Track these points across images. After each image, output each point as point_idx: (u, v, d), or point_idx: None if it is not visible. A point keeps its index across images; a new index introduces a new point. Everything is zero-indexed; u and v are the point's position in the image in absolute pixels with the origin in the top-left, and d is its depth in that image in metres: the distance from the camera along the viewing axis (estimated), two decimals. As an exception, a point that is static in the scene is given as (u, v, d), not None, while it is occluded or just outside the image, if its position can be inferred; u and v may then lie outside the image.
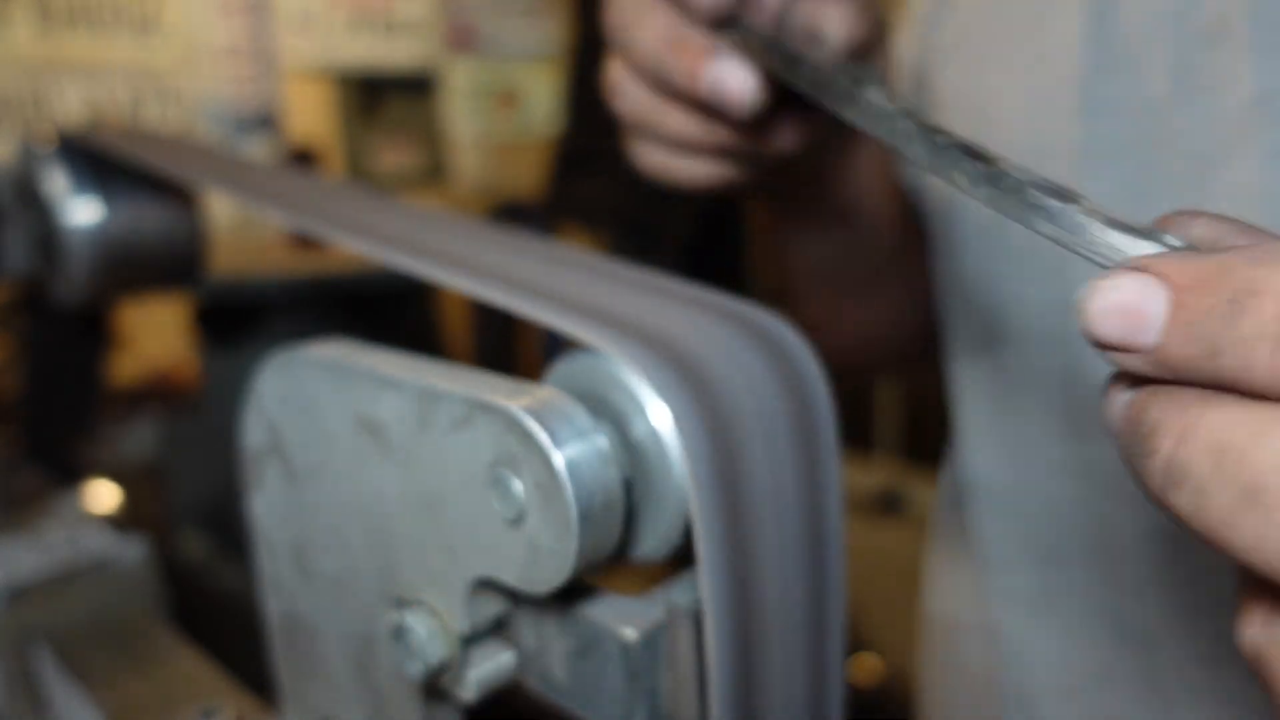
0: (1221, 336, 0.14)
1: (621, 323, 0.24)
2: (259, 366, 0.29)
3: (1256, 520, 0.14)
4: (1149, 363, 0.15)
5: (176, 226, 0.49)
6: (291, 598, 0.31)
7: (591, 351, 0.24)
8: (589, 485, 0.21)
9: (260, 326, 1.44)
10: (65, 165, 0.46)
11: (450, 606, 0.25)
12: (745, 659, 0.23)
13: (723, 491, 0.22)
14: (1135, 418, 0.16)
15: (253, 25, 2.24)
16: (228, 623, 0.53)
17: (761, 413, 0.24)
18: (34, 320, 0.58)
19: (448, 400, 0.23)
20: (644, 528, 0.24)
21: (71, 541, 0.46)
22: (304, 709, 0.32)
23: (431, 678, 0.25)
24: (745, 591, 0.23)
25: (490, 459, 0.22)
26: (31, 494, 0.53)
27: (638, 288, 0.28)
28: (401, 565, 0.26)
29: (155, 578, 0.46)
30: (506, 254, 0.31)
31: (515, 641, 0.27)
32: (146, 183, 0.47)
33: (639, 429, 0.23)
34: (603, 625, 0.24)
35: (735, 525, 0.23)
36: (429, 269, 0.28)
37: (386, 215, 0.35)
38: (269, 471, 0.30)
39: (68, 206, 0.45)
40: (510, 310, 0.26)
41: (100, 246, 0.46)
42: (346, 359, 0.26)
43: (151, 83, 2.08)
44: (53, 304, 0.50)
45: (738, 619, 0.23)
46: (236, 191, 0.37)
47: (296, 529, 0.29)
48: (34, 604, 0.42)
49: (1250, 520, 0.14)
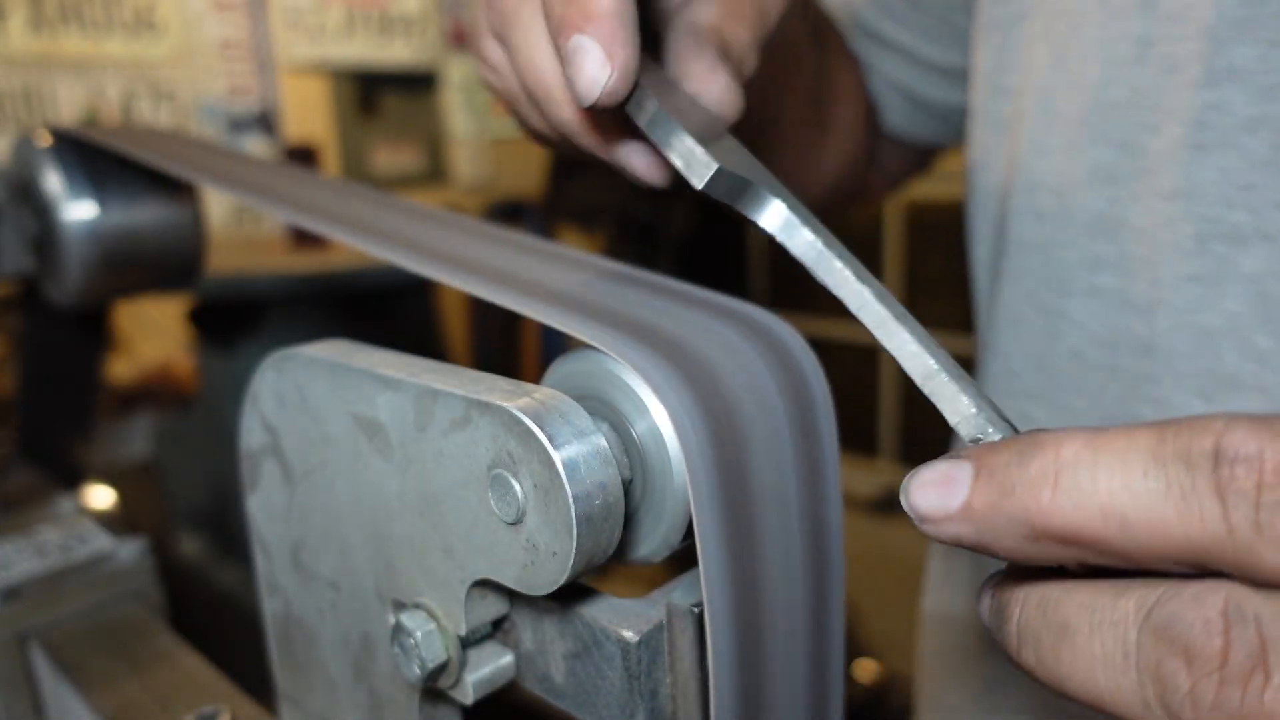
0: (1014, 478, 0.17)
1: (621, 322, 0.24)
2: (256, 366, 0.29)
3: (1070, 652, 0.17)
4: (962, 520, 0.18)
5: (175, 225, 0.48)
6: (289, 599, 0.31)
7: (591, 351, 0.24)
8: (588, 486, 0.21)
9: (257, 326, 1.43)
10: (60, 163, 0.45)
11: (448, 608, 0.25)
12: (747, 659, 0.23)
13: (724, 492, 0.22)
14: (996, 601, 0.19)
15: (249, 22, 2.24)
16: (225, 624, 0.53)
17: (762, 413, 0.24)
18: (31, 320, 0.58)
19: (446, 400, 0.23)
20: (644, 529, 0.24)
21: (68, 542, 0.45)
22: (301, 711, 0.32)
23: (430, 680, 0.25)
24: (747, 592, 0.23)
25: (489, 459, 0.22)
26: (28, 494, 0.53)
27: (637, 287, 0.28)
28: (399, 566, 0.26)
29: (152, 579, 0.45)
30: (505, 252, 0.31)
31: (514, 643, 0.27)
32: (143, 181, 0.47)
33: (639, 429, 0.23)
34: (602, 626, 0.23)
35: (736, 526, 0.22)
36: (428, 268, 0.28)
37: (385, 212, 0.35)
38: (266, 472, 0.30)
39: (63, 205, 0.45)
40: (510, 309, 0.26)
41: (96, 245, 0.46)
42: (344, 358, 0.26)
43: (147, 80, 2.08)
44: (48, 304, 0.49)
45: (739, 620, 0.22)
46: (234, 187, 0.37)
47: (294, 530, 0.29)
48: (30, 605, 0.42)
49: (1066, 653, 0.17)
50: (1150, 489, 0.16)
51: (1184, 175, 0.35)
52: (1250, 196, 0.33)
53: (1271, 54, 0.32)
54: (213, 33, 2.19)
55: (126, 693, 0.38)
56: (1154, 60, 0.36)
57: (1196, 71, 0.34)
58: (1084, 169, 0.39)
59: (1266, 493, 0.15)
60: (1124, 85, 0.37)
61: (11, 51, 1.89)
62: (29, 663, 0.42)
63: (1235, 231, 0.34)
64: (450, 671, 0.25)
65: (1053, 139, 0.40)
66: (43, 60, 1.93)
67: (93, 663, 0.40)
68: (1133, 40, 0.37)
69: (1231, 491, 0.16)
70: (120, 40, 2.04)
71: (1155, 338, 0.36)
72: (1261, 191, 0.33)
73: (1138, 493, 0.16)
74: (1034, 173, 0.41)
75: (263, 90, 2.28)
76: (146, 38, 2.08)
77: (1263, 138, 0.33)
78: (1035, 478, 0.17)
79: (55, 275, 0.47)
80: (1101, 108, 0.38)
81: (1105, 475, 0.17)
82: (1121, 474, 0.17)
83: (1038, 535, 0.17)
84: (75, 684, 0.39)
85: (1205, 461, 0.16)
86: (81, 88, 1.99)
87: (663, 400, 0.22)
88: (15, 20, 1.88)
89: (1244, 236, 0.34)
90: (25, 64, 1.91)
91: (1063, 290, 0.40)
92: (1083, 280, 0.39)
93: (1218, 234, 0.34)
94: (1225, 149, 0.34)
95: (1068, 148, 0.40)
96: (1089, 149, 0.39)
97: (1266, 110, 0.33)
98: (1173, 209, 0.35)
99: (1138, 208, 0.37)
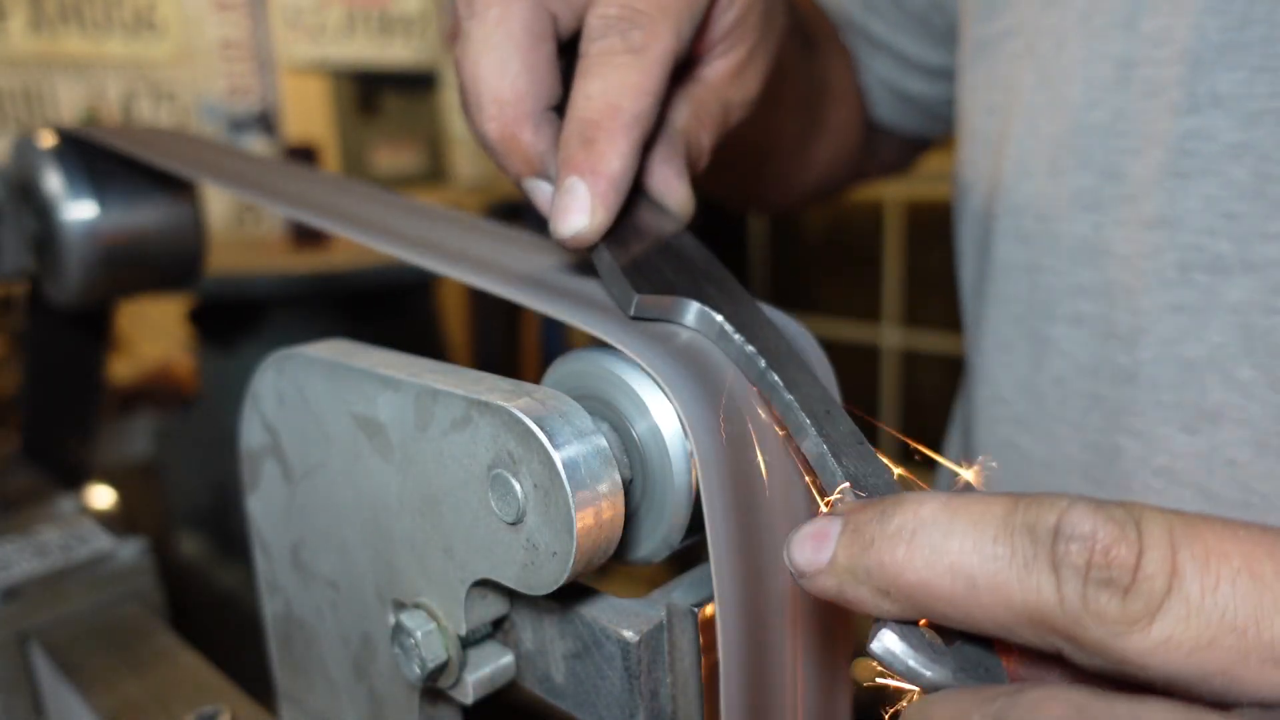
0: (874, 533, 0.19)
1: (630, 320, 0.24)
2: (256, 366, 0.29)
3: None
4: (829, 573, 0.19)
5: (175, 225, 0.48)
6: (289, 599, 0.31)
7: (591, 351, 0.24)
8: (589, 486, 0.21)
9: (257, 326, 1.43)
10: (60, 163, 0.45)
11: (449, 608, 0.25)
12: (755, 656, 0.23)
13: (734, 489, 0.22)
14: None
15: (249, 22, 2.24)
16: (225, 624, 0.53)
17: (762, 413, 0.24)
18: (32, 320, 0.58)
19: (446, 400, 0.23)
20: (644, 529, 0.24)
21: (68, 542, 0.45)
22: (301, 711, 0.32)
23: (430, 680, 0.25)
24: (755, 589, 0.23)
25: (489, 459, 0.22)
26: (28, 494, 0.53)
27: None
28: (400, 566, 0.26)
29: (152, 579, 0.45)
30: (509, 249, 0.31)
31: (514, 643, 0.27)
32: (144, 181, 0.47)
33: (639, 429, 0.23)
34: (602, 626, 0.23)
35: (746, 523, 0.22)
36: (431, 262, 0.28)
37: (387, 209, 0.35)
38: (266, 472, 0.30)
39: (63, 205, 0.45)
40: (516, 303, 0.26)
41: (96, 245, 0.46)
42: (344, 358, 0.26)
43: (147, 80, 2.08)
44: (49, 304, 0.49)
45: (748, 616, 0.22)
46: (234, 183, 0.37)
47: (294, 530, 0.29)
48: (30, 604, 0.42)
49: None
50: (997, 554, 0.18)
51: (1166, 203, 0.34)
52: (1234, 226, 0.33)
53: (1256, 80, 0.32)
54: (213, 33, 2.19)
55: (126, 693, 0.38)
56: (1135, 83, 0.35)
57: (1178, 96, 0.34)
58: (1066, 193, 0.38)
59: (1094, 570, 0.17)
60: (1105, 108, 0.37)
61: (12, 51, 1.89)
62: (29, 663, 0.42)
63: (1218, 261, 0.33)
64: (450, 671, 0.25)
65: (1036, 160, 0.40)
66: (43, 60, 1.93)
67: (93, 663, 0.40)
68: (1114, 62, 0.36)
69: (1065, 565, 0.17)
70: (120, 40, 2.04)
71: (1138, 367, 0.36)
72: (1245, 221, 0.32)
73: (986, 557, 0.18)
74: (1017, 195, 0.41)
75: (263, 90, 2.28)
76: (146, 38, 2.08)
77: (1246, 165, 0.32)
78: (893, 533, 0.18)
79: (55, 275, 0.47)
80: (1083, 130, 0.38)
81: (959, 537, 0.18)
82: (974, 538, 0.18)
83: (889, 589, 0.18)
84: (75, 684, 0.39)
85: (1047, 536, 0.17)
86: (81, 88, 1.99)
87: (674, 397, 0.22)
88: (15, 20, 1.88)
89: (1227, 266, 0.33)
90: (25, 64, 1.91)
91: (1048, 316, 0.40)
92: (1067, 306, 0.39)
93: (1201, 263, 0.34)
94: (1208, 176, 0.33)
95: (1050, 170, 0.39)
96: (1071, 172, 0.38)
97: (1250, 137, 0.32)
98: (1155, 237, 0.35)
99: (1120, 234, 0.36)
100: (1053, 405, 0.40)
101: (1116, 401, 0.37)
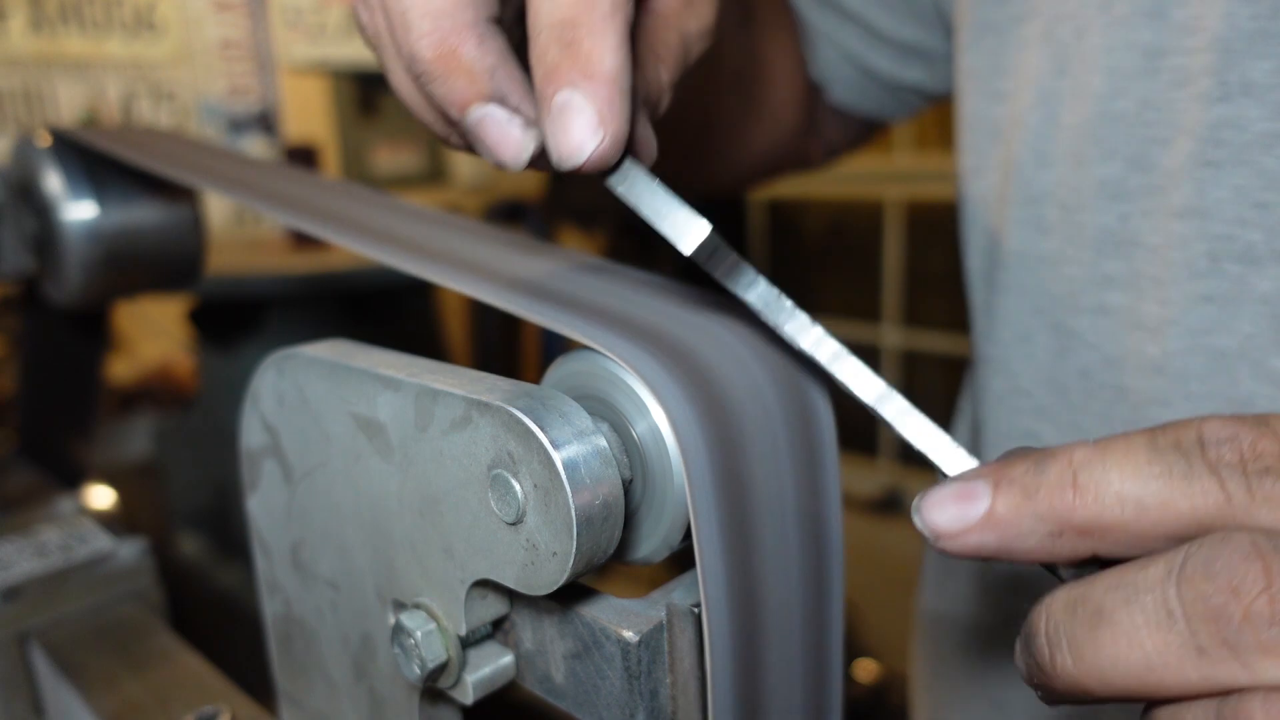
0: (1034, 482, 0.20)
1: (620, 323, 0.24)
2: (256, 366, 0.29)
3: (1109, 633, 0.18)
4: (984, 529, 0.20)
5: (175, 225, 0.48)
6: (289, 599, 0.31)
7: (591, 351, 0.24)
8: (588, 486, 0.21)
9: (257, 326, 1.43)
10: (60, 163, 0.45)
11: (448, 608, 0.25)
12: (746, 659, 0.23)
13: (723, 492, 0.22)
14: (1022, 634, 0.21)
15: (249, 22, 2.24)
16: (225, 624, 0.53)
17: (761, 413, 0.24)
18: (31, 320, 0.57)
19: (446, 400, 0.23)
20: (644, 529, 0.24)
21: (68, 542, 0.45)
22: (301, 711, 0.32)
23: (430, 680, 0.25)
24: (746, 592, 0.23)
25: (489, 459, 0.22)
26: (28, 494, 0.53)
27: (636, 288, 0.28)
28: (399, 566, 0.26)
29: (152, 579, 0.45)
30: (504, 254, 0.31)
31: (514, 643, 0.27)
32: (144, 181, 0.47)
33: (639, 429, 0.23)
34: (602, 626, 0.23)
35: (735, 525, 0.22)
36: (426, 270, 0.28)
37: (385, 214, 0.35)
38: (266, 472, 0.30)
39: (63, 205, 0.45)
40: (508, 311, 0.26)
41: (96, 245, 0.46)
42: (344, 358, 0.26)
43: (147, 80, 2.08)
44: (48, 304, 0.49)
45: (738, 619, 0.22)
46: (232, 190, 0.37)
47: (294, 530, 0.29)
48: (30, 605, 0.42)
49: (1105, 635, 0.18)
50: (1156, 474, 0.19)
51: (1196, 192, 0.34)
52: (1265, 215, 0.33)
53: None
54: (213, 33, 2.19)
55: (126, 693, 0.38)
56: (1164, 72, 0.35)
57: (1208, 85, 0.34)
58: (1091, 183, 0.38)
59: (1250, 463, 0.19)
60: (1131, 97, 0.36)
61: (11, 51, 1.89)
62: (29, 663, 0.42)
63: (1249, 251, 0.33)
64: (450, 671, 0.25)
65: (1056, 149, 0.39)
66: (43, 60, 1.93)
67: (93, 663, 0.40)
68: (1140, 50, 0.36)
69: (1222, 466, 0.19)
70: (120, 40, 2.04)
71: (1166, 359, 0.35)
72: (1276, 210, 0.32)
73: (1147, 477, 0.19)
74: (1035, 184, 0.41)
75: (263, 90, 2.28)
76: (146, 38, 2.08)
77: (1277, 154, 0.32)
78: (1055, 480, 0.20)
79: (55, 275, 0.47)
80: (1108, 119, 0.37)
81: (1116, 470, 0.19)
82: (1130, 466, 0.19)
83: (1062, 530, 0.20)
84: (75, 684, 0.39)
85: (1194, 447, 0.19)
86: (81, 88, 1.99)
87: (661, 401, 0.22)
88: (15, 20, 1.88)
89: (1258, 256, 0.33)
90: (25, 64, 1.91)
91: (1072, 307, 0.39)
92: (1092, 297, 0.38)
93: (1231, 253, 0.34)
94: (1239, 166, 0.33)
95: (1072, 160, 0.39)
96: (1096, 162, 0.38)
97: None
98: (1185, 227, 0.35)
99: (1148, 225, 0.36)
100: (1077, 397, 0.39)
101: (1144, 393, 0.37)
